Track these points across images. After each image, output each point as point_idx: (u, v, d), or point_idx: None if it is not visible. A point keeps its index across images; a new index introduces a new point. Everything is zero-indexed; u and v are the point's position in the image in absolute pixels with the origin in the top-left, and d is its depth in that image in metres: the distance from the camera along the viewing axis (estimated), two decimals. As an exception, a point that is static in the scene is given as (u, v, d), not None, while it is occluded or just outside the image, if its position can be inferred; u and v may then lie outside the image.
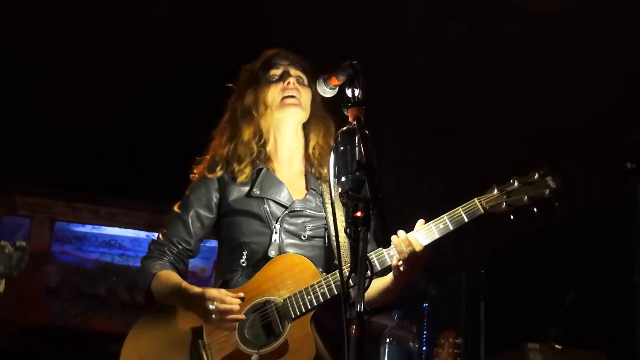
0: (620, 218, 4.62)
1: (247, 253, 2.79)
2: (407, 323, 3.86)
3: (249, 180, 2.85)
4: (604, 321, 4.62)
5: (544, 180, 2.54)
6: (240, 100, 2.93)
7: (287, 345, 2.53)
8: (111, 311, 6.77)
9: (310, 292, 2.56)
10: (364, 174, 1.99)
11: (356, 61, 2.35)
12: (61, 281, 6.78)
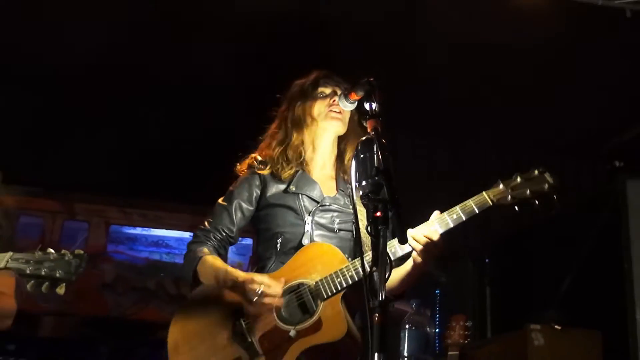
0: (610, 211, 4.60)
1: (281, 242, 2.80)
2: (424, 310, 3.86)
3: (287, 179, 2.87)
4: (597, 303, 4.59)
5: (543, 176, 2.56)
6: (291, 111, 2.96)
7: (321, 322, 2.53)
8: (160, 303, 6.80)
9: (339, 275, 2.56)
10: (382, 178, 2.03)
11: (372, 78, 2.38)
12: (116, 277, 6.83)
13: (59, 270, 2.28)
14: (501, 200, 2.54)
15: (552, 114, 6.42)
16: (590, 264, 4.70)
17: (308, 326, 2.54)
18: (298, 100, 2.97)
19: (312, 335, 2.53)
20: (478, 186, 2.63)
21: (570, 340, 4.31)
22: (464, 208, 2.54)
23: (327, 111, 2.90)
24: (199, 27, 5.62)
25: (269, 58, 5.51)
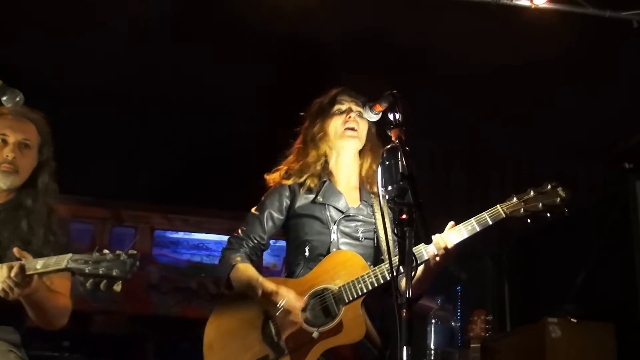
0: (621, 210, 4.55)
1: (309, 249, 2.81)
2: (448, 306, 3.84)
3: (314, 190, 2.87)
4: (611, 297, 4.54)
5: (555, 190, 2.56)
6: (311, 128, 2.97)
7: (342, 324, 2.54)
8: (202, 301, 6.81)
9: (360, 281, 2.57)
10: (407, 183, 2.06)
11: (395, 90, 2.39)
12: (160, 278, 6.85)
13: (115, 269, 2.30)
14: (514, 213, 2.54)
15: (565, 120, 6.35)
16: (603, 259, 4.66)
17: (330, 328, 2.55)
18: (317, 117, 2.98)
19: (333, 337, 2.54)
20: (496, 196, 2.63)
21: (585, 333, 4.27)
22: (479, 220, 2.54)
23: (342, 129, 2.90)
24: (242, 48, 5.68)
25: (299, 76, 5.52)
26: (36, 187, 2.84)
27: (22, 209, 2.78)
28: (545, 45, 5.47)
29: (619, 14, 5.13)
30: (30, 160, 2.82)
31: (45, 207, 2.82)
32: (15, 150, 2.77)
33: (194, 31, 5.61)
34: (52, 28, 5.41)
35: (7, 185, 2.78)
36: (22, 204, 2.79)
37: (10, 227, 2.74)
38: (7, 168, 2.76)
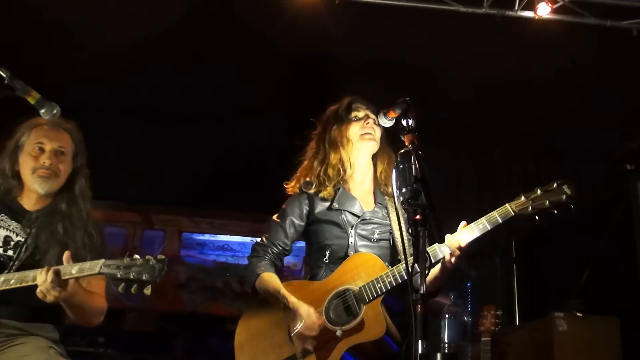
0: (623, 209, 4.52)
1: (329, 253, 2.81)
2: (460, 302, 3.82)
3: (330, 197, 2.86)
4: (615, 292, 4.49)
5: (561, 188, 2.53)
6: (328, 134, 2.95)
7: (363, 322, 2.53)
8: (227, 299, 6.85)
9: (380, 281, 2.56)
10: (420, 185, 2.06)
11: (408, 98, 2.39)
12: (188, 277, 6.89)
13: (145, 273, 2.31)
14: (522, 211, 2.52)
15: (569, 124, 6.32)
16: (607, 256, 4.62)
17: (352, 327, 2.54)
18: (334, 124, 2.96)
19: (355, 335, 2.53)
20: (503, 195, 2.61)
21: (591, 326, 4.23)
22: (489, 219, 2.53)
23: (361, 133, 2.89)
24: (261, 64, 5.75)
25: (314, 89, 5.53)
26: (72, 192, 2.85)
27: (59, 214, 2.80)
28: (549, 54, 5.46)
29: (619, 23, 5.11)
30: (65, 167, 2.84)
31: (80, 211, 2.83)
32: (51, 157, 2.79)
33: (216, 48, 5.66)
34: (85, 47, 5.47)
35: (45, 190, 2.80)
36: (59, 208, 2.81)
37: (47, 231, 2.75)
38: (44, 173, 2.78)
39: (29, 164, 2.79)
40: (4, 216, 2.78)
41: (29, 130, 2.85)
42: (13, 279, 2.54)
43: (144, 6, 5.23)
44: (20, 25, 5.29)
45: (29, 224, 2.78)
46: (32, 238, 2.74)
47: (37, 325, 2.68)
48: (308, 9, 5.06)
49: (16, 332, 2.63)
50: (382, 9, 5.10)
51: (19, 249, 2.73)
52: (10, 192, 2.83)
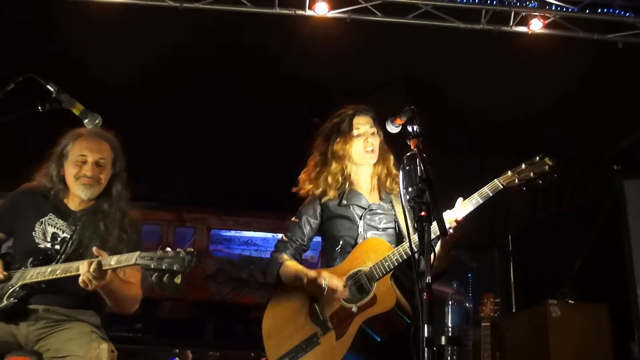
0: (611, 205, 4.48)
1: (342, 243, 2.81)
2: (463, 290, 3.80)
3: (339, 196, 2.87)
4: (604, 281, 4.45)
5: (543, 160, 2.52)
6: (332, 145, 2.91)
7: (376, 297, 2.54)
8: (251, 289, 6.85)
9: (387, 259, 2.56)
10: (425, 185, 2.07)
11: (414, 106, 2.39)
12: (216, 270, 6.90)
13: (176, 264, 2.32)
14: (510, 184, 2.52)
15: (563, 129, 6.27)
16: (597, 248, 4.59)
17: (366, 302, 2.55)
18: (337, 136, 2.91)
19: (369, 309, 2.53)
20: (500, 193, 2.60)
21: (582, 313, 4.20)
22: (480, 194, 2.53)
23: (363, 151, 2.86)
24: (278, 89, 5.81)
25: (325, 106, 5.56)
26: (111, 194, 2.87)
27: (100, 213, 2.81)
28: (542, 65, 5.42)
29: (605, 37, 5.06)
30: (105, 174, 2.86)
31: (118, 211, 2.85)
32: (93, 168, 2.81)
33: (241, 71, 5.74)
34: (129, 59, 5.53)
35: (87, 196, 2.82)
36: (100, 209, 2.83)
37: (90, 228, 2.78)
38: (87, 182, 2.80)
39: (73, 172, 2.81)
40: (53, 215, 2.81)
41: (73, 140, 2.86)
42: (59, 269, 2.57)
43: (174, 36, 5.30)
44: (68, 53, 5.37)
45: (74, 222, 2.80)
46: (77, 235, 2.77)
47: (80, 311, 2.69)
48: (322, 28, 5.08)
49: (63, 318, 2.66)
50: (389, 26, 5.09)
51: (65, 244, 2.75)
52: (58, 194, 2.85)
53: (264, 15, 5.00)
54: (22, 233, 2.78)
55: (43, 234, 2.77)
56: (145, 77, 5.66)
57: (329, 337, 2.57)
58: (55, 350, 2.51)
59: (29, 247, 2.73)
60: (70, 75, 4.11)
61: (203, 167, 6.90)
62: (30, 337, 2.60)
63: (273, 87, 5.86)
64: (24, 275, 2.62)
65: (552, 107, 5.96)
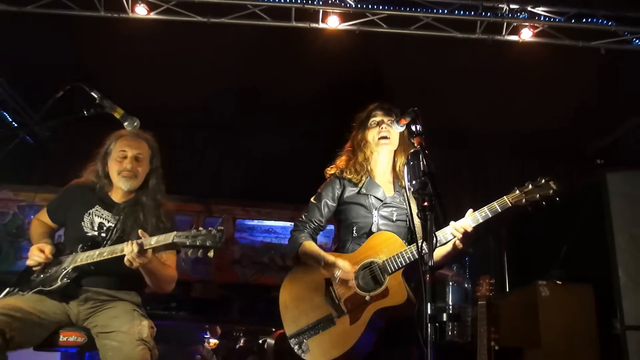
0: (596, 196, 4.43)
1: (356, 229, 2.77)
2: (462, 272, 3.78)
3: (358, 184, 2.83)
4: (589, 264, 4.42)
5: (548, 183, 2.47)
6: (355, 136, 2.93)
7: (388, 290, 2.50)
8: (272, 272, 6.85)
9: (400, 256, 2.52)
10: (427, 178, 2.06)
11: (416, 108, 2.38)
12: (241, 255, 6.91)
13: (209, 240, 2.36)
14: (517, 203, 2.46)
15: (551, 127, 6.23)
16: (583, 235, 4.55)
17: (378, 293, 2.51)
18: (359, 128, 2.92)
19: (382, 300, 2.49)
20: (494, 186, 2.57)
21: (569, 292, 4.17)
22: (490, 208, 2.46)
23: (377, 137, 2.84)
24: (299, 85, 5.76)
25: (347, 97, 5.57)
26: (148, 188, 2.89)
27: (139, 205, 2.84)
28: (531, 71, 5.39)
29: (589, 44, 5.02)
30: (143, 169, 2.88)
31: (155, 202, 2.86)
32: (132, 162, 2.84)
33: (263, 76, 5.74)
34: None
35: (127, 188, 2.85)
36: (139, 201, 2.85)
37: (131, 218, 2.80)
38: (127, 175, 2.82)
39: (115, 167, 2.84)
40: (99, 207, 2.84)
41: (115, 140, 2.90)
42: (106, 251, 2.60)
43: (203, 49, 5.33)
44: (110, 63, 5.42)
45: (117, 212, 2.83)
46: (120, 224, 2.79)
47: (123, 292, 2.72)
48: (333, 39, 5.08)
49: (107, 298, 2.68)
50: (394, 37, 5.08)
51: (110, 232, 2.78)
52: (103, 188, 2.88)
53: (282, 28, 5.01)
54: (73, 223, 2.82)
55: (91, 223, 2.80)
56: (181, 85, 5.73)
57: (344, 320, 2.54)
58: (102, 327, 2.54)
59: (79, 235, 2.76)
60: (111, 82, 4.17)
61: (229, 164, 6.97)
62: (80, 315, 2.64)
63: (293, 90, 5.87)
64: (75, 259, 2.66)
65: (542, 107, 5.92)
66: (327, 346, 2.51)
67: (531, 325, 4.10)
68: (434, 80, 5.63)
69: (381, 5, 4.94)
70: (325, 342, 2.53)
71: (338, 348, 2.48)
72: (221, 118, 6.57)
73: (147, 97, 5.56)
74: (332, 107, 5.41)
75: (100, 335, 2.51)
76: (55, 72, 4.80)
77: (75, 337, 2.58)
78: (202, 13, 4.94)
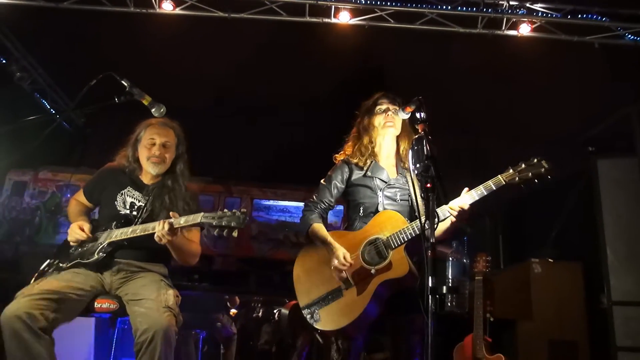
0: (586, 181, 4.41)
1: (363, 209, 2.76)
2: (461, 248, 3.77)
3: (364, 167, 2.82)
4: (579, 243, 4.40)
5: (541, 163, 2.44)
6: (362, 122, 2.89)
7: (391, 263, 2.50)
8: (286, 247, 6.91)
9: (403, 232, 2.51)
10: (430, 162, 2.06)
11: (421, 96, 2.36)
12: (258, 232, 6.97)
13: (233, 221, 2.37)
14: (511, 181, 2.43)
15: (545, 116, 6.16)
16: (573, 216, 4.53)
17: (382, 267, 2.50)
18: (365, 115, 2.89)
19: (386, 272, 2.49)
20: (492, 169, 2.54)
21: (560, 269, 4.16)
22: (485, 186, 2.44)
23: (384, 122, 2.81)
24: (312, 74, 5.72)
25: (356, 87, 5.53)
26: (175, 172, 2.89)
27: (166, 188, 2.84)
28: (529, 64, 5.32)
29: (584, 38, 4.94)
30: (170, 155, 2.88)
31: (181, 186, 2.86)
32: (160, 149, 2.84)
33: (280, 65, 5.70)
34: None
35: (155, 172, 2.86)
36: (166, 184, 2.85)
37: (159, 199, 2.81)
38: (155, 160, 2.83)
39: (145, 154, 2.85)
40: (130, 188, 2.86)
41: (145, 128, 2.91)
42: (139, 229, 2.62)
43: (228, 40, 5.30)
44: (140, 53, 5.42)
45: (147, 193, 2.84)
46: (149, 204, 2.80)
47: (151, 264, 2.74)
48: (344, 33, 5.03)
49: (137, 269, 2.71)
50: (401, 31, 5.02)
51: (141, 211, 2.80)
52: (134, 171, 2.90)
53: (298, 23, 4.97)
54: (107, 202, 2.84)
55: (123, 202, 2.82)
56: (205, 75, 5.72)
57: (351, 291, 2.54)
58: (133, 295, 2.56)
59: (113, 213, 2.79)
60: (141, 70, 4.17)
61: (248, 150, 6.97)
62: (113, 285, 2.67)
63: (307, 79, 5.84)
64: (110, 235, 2.69)
65: (539, 97, 5.85)
66: (337, 315, 2.52)
67: (524, 299, 4.10)
68: (437, 73, 5.58)
69: (389, 2, 4.89)
70: (335, 311, 2.54)
71: (346, 317, 2.49)
72: (241, 107, 6.56)
73: (172, 85, 5.57)
74: (342, 97, 5.38)
75: (131, 302, 2.53)
76: (88, 63, 4.81)
77: (109, 304, 2.61)
78: (223, 9, 4.92)
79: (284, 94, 6.17)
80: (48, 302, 2.38)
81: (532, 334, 3.98)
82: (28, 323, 2.27)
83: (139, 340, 2.34)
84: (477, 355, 3.65)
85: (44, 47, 5.74)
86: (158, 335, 2.32)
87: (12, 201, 6.60)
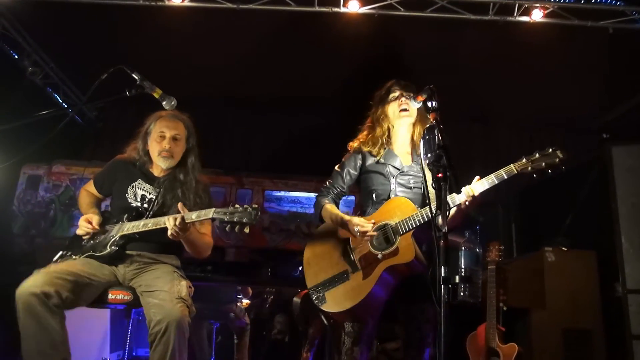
0: (601, 168, 4.35)
1: (375, 195, 2.76)
2: (474, 238, 3.75)
3: (378, 155, 2.82)
4: (593, 232, 4.35)
5: (555, 152, 2.39)
6: (375, 112, 2.89)
7: (398, 249, 2.50)
8: (298, 238, 6.89)
9: (411, 218, 2.51)
10: (442, 151, 2.03)
11: (433, 85, 2.33)
12: (270, 223, 6.96)
13: (245, 217, 2.38)
14: (523, 170, 2.39)
15: (559, 102, 6.08)
16: (588, 204, 4.48)
17: (389, 252, 2.51)
18: (379, 104, 2.88)
19: (392, 258, 2.50)
20: (504, 157, 2.51)
21: (573, 258, 4.12)
22: (497, 175, 2.42)
23: (398, 110, 2.81)
24: (323, 66, 5.70)
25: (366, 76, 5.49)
26: (186, 165, 2.90)
27: (177, 181, 2.86)
28: (542, 50, 5.24)
29: (598, 23, 4.85)
30: (180, 148, 2.89)
31: (192, 179, 2.88)
32: (170, 142, 2.85)
33: (289, 57, 5.68)
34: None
35: (166, 166, 2.88)
36: (177, 177, 2.87)
37: (171, 193, 2.82)
38: (166, 154, 2.84)
39: (155, 147, 2.86)
40: (141, 180, 2.87)
41: (155, 121, 2.91)
42: (150, 222, 2.64)
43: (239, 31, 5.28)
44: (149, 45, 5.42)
45: (158, 186, 2.86)
46: (161, 196, 2.82)
47: (164, 256, 2.77)
48: (353, 22, 5.00)
49: (151, 260, 2.74)
50: (411, 19, 4.97)
51: (152, 204, 2.82)
52: (144, 164, 2.92)
53: (307, 12, 4.95)
54: (118, 194, 2.86)
55: (134, 195, 2.84)
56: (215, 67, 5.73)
57: (358, 275, 2.56)
58: (146, 286, 2.59)
59: (123, 205, 2.81)
60: (152, 63, 4.19)
61: (259, 140, 6.98)
62: (127, 276, 2.70)
63: (318, 71, 5.82)
64: (122, 228, 2.71)
65: (551, 84, 5.78)
66: (341, 298, 2.54)
67: (537, 288, 4.08)
68: (449, 61, 5.52)
69: (399, -11, 4.84)
70: (340, 294, 2.56)
71: (351, 300, 2.51)
72: (251, 98, 6.56)
73: (182, 78, 5.58)
74: (353, 87, 5.35)
75: (145, 293, 2.56)
76: (99, 57, 4.83)
77: (123, 295, 2.65)
78: (232, 0, 4.90)
79: (295, 85, 6.15)
80: (63, 282, 2.41)
81: (545, 323, 3.96)
82: (42, 298, 2.31)
83: (152, 331, 2.38)
84: (490, 344, 3.65)
85: (55, 42, 5.77)
86: (172, 326, 2.35)
87: (27, 195, 6.68)
